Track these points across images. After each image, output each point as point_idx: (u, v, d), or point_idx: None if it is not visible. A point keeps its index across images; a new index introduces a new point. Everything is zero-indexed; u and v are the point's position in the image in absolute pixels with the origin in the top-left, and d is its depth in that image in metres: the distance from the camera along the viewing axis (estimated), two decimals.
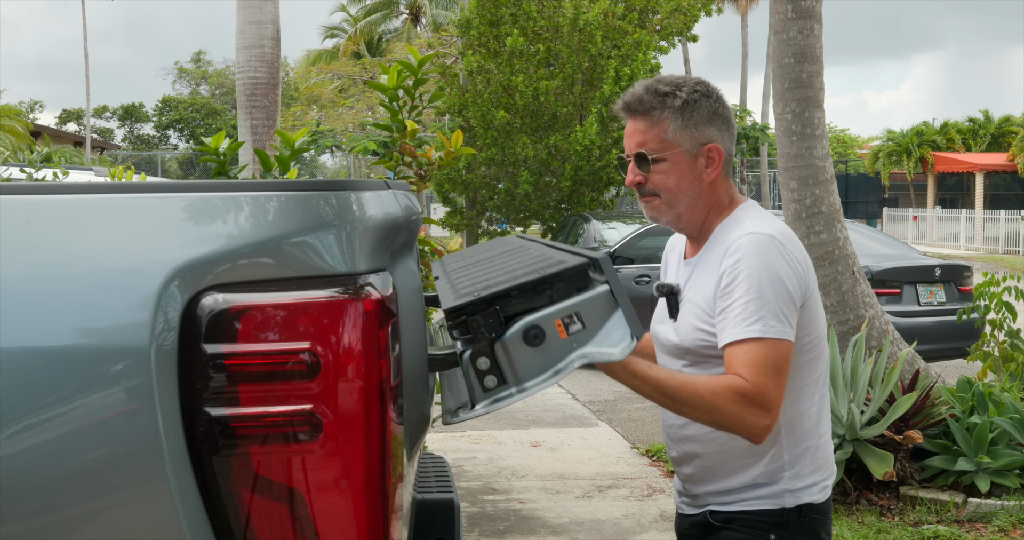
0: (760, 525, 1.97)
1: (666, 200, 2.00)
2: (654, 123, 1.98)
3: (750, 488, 1.98)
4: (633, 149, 2.00)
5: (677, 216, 2.01)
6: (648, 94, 1.99)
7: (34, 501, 1.07)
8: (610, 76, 14.31)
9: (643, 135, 1.99)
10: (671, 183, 1.98)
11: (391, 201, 1.37)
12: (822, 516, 2.00)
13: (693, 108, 1.99)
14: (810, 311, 1.95)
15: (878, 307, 5.80)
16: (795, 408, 1.96)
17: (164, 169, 38.64)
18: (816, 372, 2.00)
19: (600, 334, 1.45)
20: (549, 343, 1.44)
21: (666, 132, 1.98)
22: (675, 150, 1.98)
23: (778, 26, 5.83)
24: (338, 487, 1.12)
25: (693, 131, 1.98)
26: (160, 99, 51.18)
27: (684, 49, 32.39)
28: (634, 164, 2.01)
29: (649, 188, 2.00)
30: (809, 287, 1.94)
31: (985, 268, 11.30)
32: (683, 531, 2.12)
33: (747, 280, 1.86)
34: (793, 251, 1.92)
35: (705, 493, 2.03)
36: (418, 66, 2.81)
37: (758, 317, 1.83)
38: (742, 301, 1.85)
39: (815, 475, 1.99)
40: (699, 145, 1.99)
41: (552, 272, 1.46)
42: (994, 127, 35.08)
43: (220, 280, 1.12)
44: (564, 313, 1.44)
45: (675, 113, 1.98)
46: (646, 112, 1.99)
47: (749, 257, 1.88)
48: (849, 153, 47.51)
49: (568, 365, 1.45)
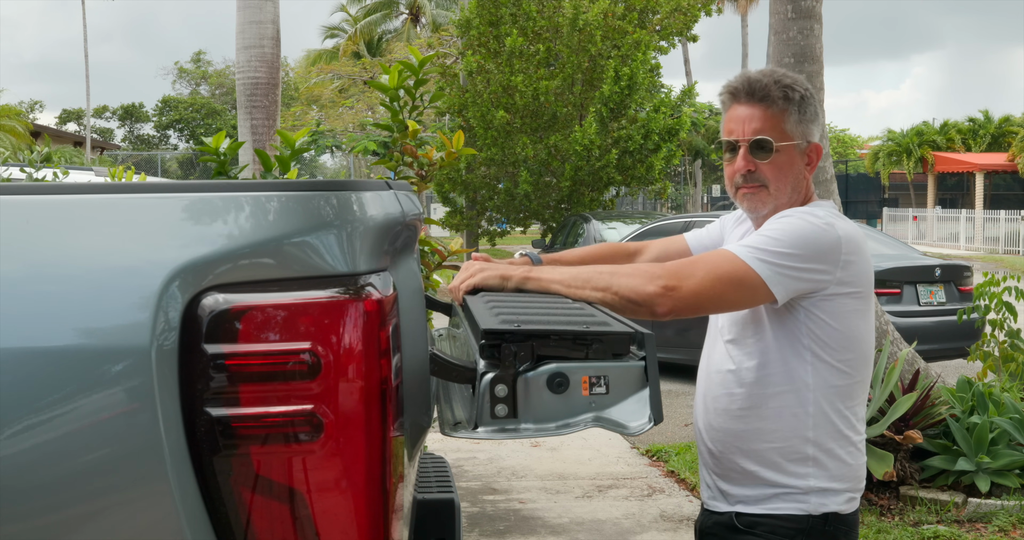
0: (784, 531, 1.96)
1: (773, 191, 2.01)
2: (776, 113, 1.99)
3: (776, 486, 1.97)
4: (751, 134, 1.99)
5: (776, 208, 2.02)
6: (773, 83, 2.00)
7: (35, 501, 1.07)
8: (610, 76, 14.31)
9: (762, 123, 1.99)
10: (782, 175, 2.00)
11: (392, 201, 1.37)
12: (847, 528, 1.99)
13: (807, 105, 2.02)
14: (857, 307, 1.95)
15: (878, 307, 5.80)
16: (830, 404, 1.96)
17: (164, 169, 38.64)
18: (855, 375, 1.99)
19: (620, 405, 1.45)
20: (569, 395, 1.44)
21: (786, 124, 2.00)
22: (791, 143, 2.00)
23: (778, 26, 5.83)
24: (339, 487, 1.12)
25: (804, 128, 2.01)
26: (160, 99, 51.23)
27: (684, 49, 32.42)
28: (747, 150, 2.00)
29: (760, 176, 2.00)
30: (857, 283, 1.94)
31: (985, 268, 11.30)
32: (705, 529, 2.11)
33: (774, 229, 1.90)
34: (850, 246, 1.92)
35: (733, 488, 2.03)
36: (419, 66, 2.81)
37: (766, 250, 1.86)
38: (767, 235, 1.88)
39: (842, 482, 1.98)
40: (807, 142, 2.03)
41: (595, 330, 1.47)
42: (994, 127, 35.09)
43: (221, 280, 1.12)
44: (593, 372, 1.45)
45: (795, 107, 2.00)
46: (770, 101, 2.00)
47: (800, 218, 1.92)
48: (849, 153, 47.51)
49: (579, 423, 1.45)
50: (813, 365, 1.95)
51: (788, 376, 1.96)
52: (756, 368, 1.99)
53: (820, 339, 1.94)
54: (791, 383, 1.96)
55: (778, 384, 1.97)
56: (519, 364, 1.43)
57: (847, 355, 1.96)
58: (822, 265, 1.88)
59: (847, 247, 1.91)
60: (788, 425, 1.96)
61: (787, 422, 1.96)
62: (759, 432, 1.98)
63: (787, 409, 1.96)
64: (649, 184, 15.78)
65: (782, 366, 1.96)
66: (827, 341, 1.94)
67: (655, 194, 19.86)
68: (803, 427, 1.95)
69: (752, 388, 1.99)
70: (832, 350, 1.94)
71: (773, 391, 1.97)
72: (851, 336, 1.95)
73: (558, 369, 1.43)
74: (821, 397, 1.95)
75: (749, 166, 2.00)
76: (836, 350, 1.95)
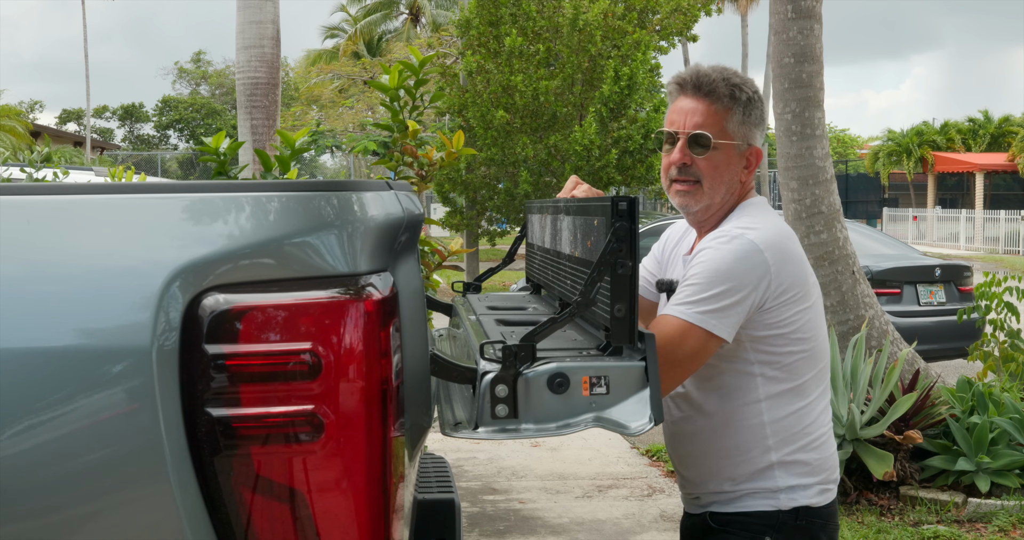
0: (755, 527, 1.97)
1: (707, 188, 1.99)
2: (719, 110, 1.99)
3: (745, 488, 1.98)
4: (691, 128, 1.99)
5: (708, 207, 2.02)
6: (722, 80, 1.99)
7: (35, 501, 1.07)
8: (610, 76, 14.31)
9: (704, 117, 1.98)
10: (717, 173, 1.99)
11: (392, 201, 1.37)
12: (822, 520, 2.00)
13: (752, 108, 2.01)
14: (798, 308, 1.94)
15: (878, 307, 5.80)
16: (785, 408, 1.96)
17: (164, 169, 38.63)
18: (809, 372, 1.99)
19: (621, 405, 1.45)
20: (569, 395, 1.44)
21: (728, 123, 1.99)
22: (730, 142, 1.99)
23: (778, 26, 5.83)
24: (339, 487, 1.12)
25: (747, 130, 2.00)
26: (160, 99, 51.23)
27: (684, 49, 32.39)
28: (685, 143, 1.99)
29: (694, 172, 1.99)
30: (792, 286, 1.92)
31: (985, 268, 11.30)
32: (685, 531, 2.13)
33: (703, 267, 1.88)
34: (774, 254, 1.90)
35: (704, 493, 2.04)
36: (419, 66, 2.81)
37: (697, 299, 1.85)
38: (693, 282, 1.87)
39: (811, 476, 1.98)
40: (747, 145, 2.01)
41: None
42: (994, 127, 35.10)
43: (221, 280, 1.12)
44: (594, 372, 1.45)
45: (740, 107, 1.99)
46: (715, 97, 1.99)
47: (716, 248, 1.90)
48: (849, 153, 47.51)
49: (579, 423, 1.45)
50: (762, 376, 1.95)
51: (739, 393, 1.96)
52: (707, 390, 1.99)
53: (765, 351, 1.94)
54: (743, 398, 1.96)
55: (730, 401, 1.97)
56: (521, 364, 1.43)
57: (795, 357, 1.95)
58: (750, 288, 1.87)
59: (772, 256, 1.89)
60: (747, 438, 1.97)
61: (745, 436, 1.97)
62: (721, 450, 1.99)
63: (743, 423, 1.97)
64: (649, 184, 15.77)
65: (732, 384, 1.97)
66: (772, 350, 1.94)
67: (655, 194, 19.83)
68: (762, 437, 1.96)
69: (705, 409, 2.00)
70: (779, 356, 1.94)
71: (727, 408, 1.97)
72: (797, 337, 1.95)
73: (558, 369, 1.43)
74: (775, 404, 1.95)
75: (685, 159, 1.99)
76: (782, 355, 1.94)
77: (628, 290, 1.46)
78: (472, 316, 1.96)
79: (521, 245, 2.60)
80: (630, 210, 1.46)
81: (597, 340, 1.59)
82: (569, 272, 1.78)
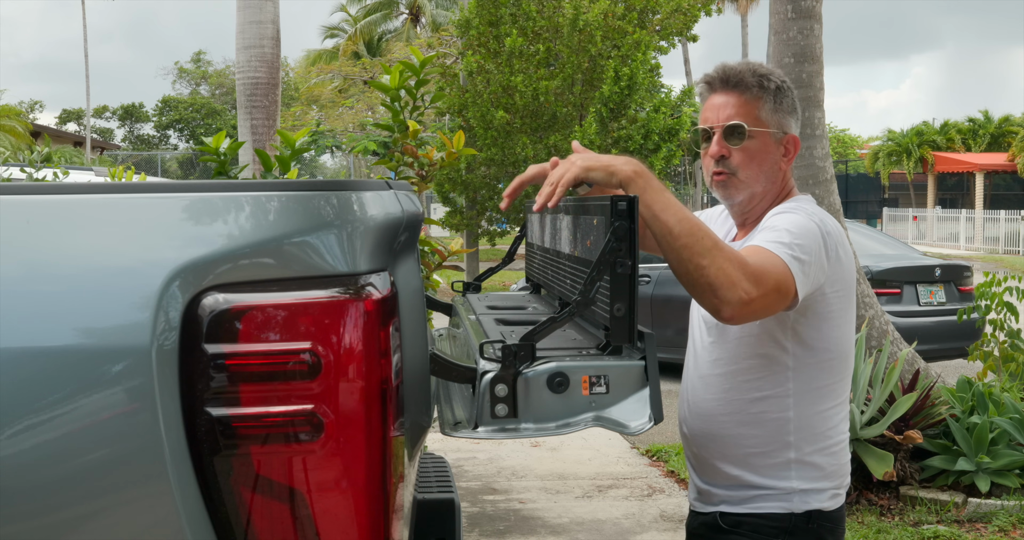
0: (767, 530, 1.96)
1: (745, 179, 1.99)
2: (750, 100, 2.00)
3: (759, 487, 1.97)
4: (724, 120, 1.99)
5: (750, 197, 2.01)
6: (748, 71, 2.00)
7: (35, 501, 1.07)
8: (610, 76, 14.31)
9: (736, 109, 1.99)
10: (755, 162, 1.99)
11: (392, 201, 1.37)
12: (832, 524, 1.99)
13: (783, 96, 2.02)
14: (840, 305, 1.93)
15: (878, 307, 5.80)
16: (812, 407, 1.95)
17: (164, 169, 38.64)
18: (838, 375, 1.98)
19: (621, 405, 1.45)
20: (569, 394, 1.44)
21: (760, 111, 1.99)
22: (766, 130, 1.99)
23: (778, 26, 5.83)
24: (339, 487, 1.12)
25: (780, 117, 2.01)
26: (160, 99, 51.22)
27: (684, 49, 32.41)
28: (721, 136, 1.99)
29: (732, 164, 1.99)
30: (840, 280, 1.92)
31: (985, 268, 11.30)
32: (692, 530, 2.11)
33: (788, 222, 1.85)
34: (832, 241, 1.89)
35: (717, 490, 2.03)
36: (420, 66, 2.81)
37: (790, 243, 1.79)
38: (778, 230, 1.83)
39: (826, 481, 1.97)
40: (783, 132, 2.02)
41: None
42: (994, 127, 35.10)
43: (221, 280, 1.12)
44: (593, 372, 1.45)
45: (770, 96, 2.00)
46: (744, 88, 2.00)
47: (792, 212, 1.89)
48: (849, 153, 47.50)
49: (579, 422, 1.44)
50: (795, 370, 1.93)
51: (770, 381, 1.95)
52: (738, 373, 1.97)
53: (804, 342, 1.92)
54: (773, 388, 1.95)
55: (760, 389, 1.95)
56: (520, 363, 1.43)
57: (829, 356, 1.95)
58: (823, 262, 1.86)
59: (837, 242, 1.90)
60: (769, 430, 1.95)
61: (768, 427, 1.96)
62: (741, 438, 1.98)
63: (768, 414, 1.95)
64: None
65: (765, 371, 1.95)
66: (810, 343, 1.93)
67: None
68: (784, 432, 1.95)
69: (733, 393, 1.98)
70: (815, 352, 1.93)
71: (754, 397, 1.96)
72: (833, 336, 1.94)
73: (558, 368, 1.43)
74: (803, 401, 1.94)
75: (722, 151, 1.99)
76: (818, 351, 1.93)
77: (628, 289, 1.46)
78: (472, 316, 1.96)
79: (521, 245, 2.60)
80: (629, 209, 1.46)
81: (597, 339, 1.59)
82: (569, 271, 1.78)
